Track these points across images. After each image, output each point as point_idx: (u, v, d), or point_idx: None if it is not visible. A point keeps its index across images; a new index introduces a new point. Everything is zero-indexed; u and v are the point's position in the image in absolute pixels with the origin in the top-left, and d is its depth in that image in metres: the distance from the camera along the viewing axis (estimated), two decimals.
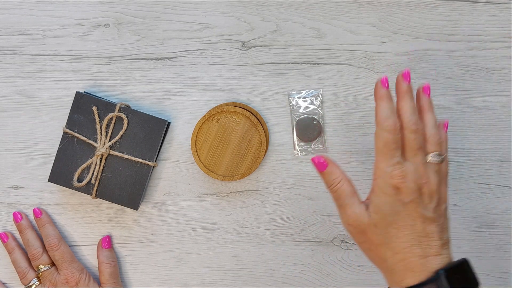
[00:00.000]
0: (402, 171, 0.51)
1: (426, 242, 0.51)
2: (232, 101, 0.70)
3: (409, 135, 0.52)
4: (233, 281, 0.71)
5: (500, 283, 0.72)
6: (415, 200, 0.51)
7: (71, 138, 0.66)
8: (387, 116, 0.52)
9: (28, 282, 0.67)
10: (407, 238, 0.51)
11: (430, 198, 0.52)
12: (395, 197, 0.51)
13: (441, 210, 0.53)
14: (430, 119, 0.55)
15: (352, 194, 0.54)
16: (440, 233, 0.52)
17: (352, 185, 0.54)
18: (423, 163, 0.52)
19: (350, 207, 0.53)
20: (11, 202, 0.70)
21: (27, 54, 0.69)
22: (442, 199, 0.53)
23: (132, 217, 0.70)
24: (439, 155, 0.53)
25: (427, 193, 0.52)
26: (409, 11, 0.70)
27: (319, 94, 0.69)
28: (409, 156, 0.52)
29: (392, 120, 0.52)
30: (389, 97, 0.53)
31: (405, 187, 0.51)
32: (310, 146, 0.70)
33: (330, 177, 0.55)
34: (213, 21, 0.69)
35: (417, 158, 0.52)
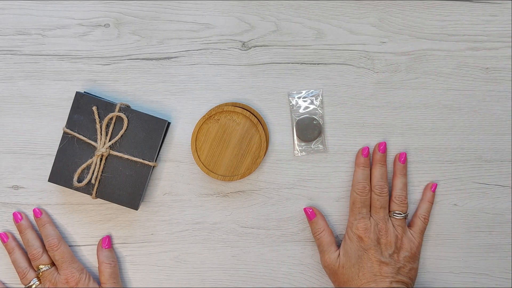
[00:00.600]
0: (365, 224, 0.66)
1: (380, 279, 0.64)
2: (232, 101, 0.70)
3: (374, 196, 0.67)
4: (233, 281, 0.71)
5: (500, 283, 0.72)
6: (373, 247, 0.65)
7: (71, 138, 0.66)
8: (359, 181, 0.67)
9: (28, 282, 0.67)
10: (365, 276, 0.64)
11: (386, 247, 0.65)
12: (359, 244, 0.66)
13: (399, 256, 0.66)
14: (399, 183, 0.68)
15: (330, 244, 0.68)
16: (395, 274, 0.64)
17: (332, 235, 0.68)
18: (385, 219, 0.66)
19: (327, 253, 0.67)
20: (11, 202, 0.70)
21: (27, 54, 0.69)
22: (402, 249, 0.66)
23: (132, 217, 0.70)
24: (400, 213, 0.67)
25: (384, 243, 0.65)
26: (409, 11, 0.70)
27: (319, 94, 0.69)
28: (373, 213, 0.67)
29: (362, 184, 0.67)
30: (366, 165, 0.68)
31: (366, 237, 0.65)
32: (310, 146, 0.70)
33: (315, 226, 0.68)
34: (213, 21, 0.69)
35: (379, 215, 0.67)
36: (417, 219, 0.69)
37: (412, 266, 0.66)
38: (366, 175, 0.68)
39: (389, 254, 0.65)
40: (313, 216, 0.69)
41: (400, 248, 0.66)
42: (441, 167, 0.71)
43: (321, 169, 0.70)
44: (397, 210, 0.67)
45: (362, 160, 0.68)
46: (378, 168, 0.68)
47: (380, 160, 0.68)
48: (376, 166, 0.68)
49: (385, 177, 0.68)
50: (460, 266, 0.71)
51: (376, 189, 0.67)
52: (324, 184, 0.70)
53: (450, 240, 0.71)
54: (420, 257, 0.71)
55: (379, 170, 0.68)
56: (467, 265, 0.71)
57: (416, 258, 0.67)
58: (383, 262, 0.65)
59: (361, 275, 0.65)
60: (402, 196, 0.68)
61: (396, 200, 0.68)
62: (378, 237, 0.66)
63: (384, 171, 0.68)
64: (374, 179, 0.68)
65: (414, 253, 0.67)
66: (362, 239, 0.65)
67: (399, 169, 0.69)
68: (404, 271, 0.65)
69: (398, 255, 0.66)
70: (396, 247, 0.66)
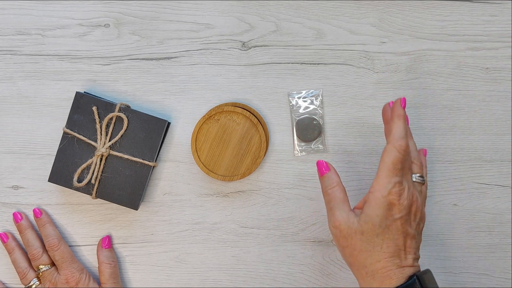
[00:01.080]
0: (400, 189, 0.55)
1: (404, 255, 0.56)
2: (232, 101, 0.70)
3: None
4: (233, 281, 0.71)
5: (500, 283, 0.72)
6: (404, 217, 0.56)
7: (71, 138, 0.66)
8: (402, 136, 0.55)
9: (28, 282, 0.67)
10: (390, 250, 0.55)
11: (415, 216, 0.57)
12: (388, 212, 0.55)
13: (420, 228, 0.58)
14: (412, 145, 0.61)
15: (344, 201, 0.58)
16: (416, 249, 0.57)
17: (345, 193, 0.59)
18: (412, 182, 0.57)
19: (339, 211, 0.57)
20: (11, 202, 0.70)
21: (27, 54, 0.69)
22: (423, 218, 0.58)
23: (132, 217, 0.70)
24: (421, 177, 0.59)
25: (414, 212, 0.57)
26: (409, 11, 0.70)
27: (319, 94, 0.69)
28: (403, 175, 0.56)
29: (405, 141, 0.55)
30: (405, 118, 0.57)
31: (400, 205, 0.55)
32: (310, 146, 0.70)
33: (327, 181, 0.60)
34: (213, 21, 0.69)
35: (408, 178, 0.57)
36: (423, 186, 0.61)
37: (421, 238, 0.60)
38: (409, 131, 0.58)
39: (416, 225, 0.57)
40: (326, 170, 0.60)
41: (422, 218, 0.58)
42: (441, 167, 0.71)
43: None
44: (419, 173, 0.59)
45: (403, 112, 0.56)
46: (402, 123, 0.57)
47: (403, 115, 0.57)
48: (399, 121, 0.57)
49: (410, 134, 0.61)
50: (460, 266, 0.71)
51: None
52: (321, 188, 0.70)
53: (450, 240, 0.71)
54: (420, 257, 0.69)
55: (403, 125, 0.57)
56: (467, 265, 0.71)
57: None
58: (409, 234, 0.56)
59: (386, 247, 0.55)
60: (420, 158, 0.60)
61: (417, 161, 0.59)
62: (411, 204, 0.56)
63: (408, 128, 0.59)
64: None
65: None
66: (394, 207, 0.55)
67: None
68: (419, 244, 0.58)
69: (419, 226, 0.58)
70: (420, 218, 0.58)
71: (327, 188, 0.59)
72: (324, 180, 0.60)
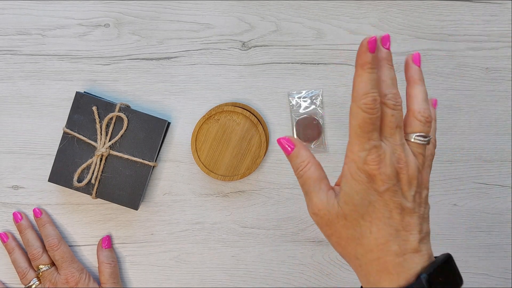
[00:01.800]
0: (378, 155, 0.43)
1: (403, 236, 0.44)
2: (232, 101, 0.70)
3: (387, 111, 0.44)
4: (233, 281, 0.71)
5: (500, 283, 0.72)
6: (391, 188, 0.43)
7: (71, 138, 0.66)
8: (366, 91, 0.43)
9: (28, 282, 0.67)
10: (382, 233, 0.43)
11: (409, 185, 0.44)
12: (369, 185, 0.43)
13: (422, 197, 0.45)
14: (420, 92, 0.46)
15: (320, 180, 0.47)
16: (420, 225, 0.44)
17: (321, 169, 0.47)
18: (401, 143, 0.44)
19: (317, 194, 0.46)
20: (11, 202, 0.70)
21: (27, 54, 0.69)
22: (424, 185, 0.46)
23: (132, 217, 0.70)
24: (424, 136, 0.45)
25: (406, 179, 0.44)
26: (409, 11, 0.70)
27: (319, 94, 0.69)
28: (386, 136, 0.44)
29: (372, 96, 0.43)
30: (374, 65, 0.43)
31: (381, 174, 0.43)
32: (310, 146, 0.70)
33: (296, 160, 0.48)
34: (213, 21, 0.69)
35: (395, 138, 0.44)
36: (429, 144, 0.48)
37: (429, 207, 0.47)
38: (375, 81, 0.43)
39: (413, 196, 0.44)
40: (291, 148, 0.48)
41: (421, 184, 0.46)
42: (441, 167, 0.71)
43: None
44: (420, 132, 0.45)
45: (369, 58, 0.43)
46: (387, 70, 0.45)
47: (387, 59, 0.46)
48: (384, 67, 0.45)
49: (396, 81, 0.46)
50: (460, 266, 0.71)
51: (388, 99, 0.45)
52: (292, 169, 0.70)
53: (450, 240, 0.71)
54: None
55: (389, 71, 0.45)
56: (467, 265, 0.71)
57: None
58: (405, 209, 0.44)
59: (376, 231, 0.44)
60: (427, 111, 0.46)
61: (419, 116, 0.45)
62: (397, 171, 0.44)
63: (394, 74, 0.46)
64: (384, 85, 0.45)
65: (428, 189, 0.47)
66: (375, 178, 0.43)
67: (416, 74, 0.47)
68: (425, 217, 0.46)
69: (420, 195, 0.45)
70: (418, 185, 0.45)
71: (298, 168, 0.47)
72: (292, 159, 0.48)
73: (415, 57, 0.47)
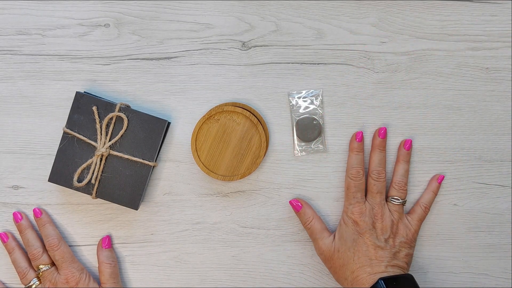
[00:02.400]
0: (360, 208, 0.66)
1: (376, 263, 0.64)
2: (232, 101, 0.70)
3: (371, 181, 0.67)
4: (233, 281, 0.71)
5: (500, 283, 0.72)
6: (368, 232, 0.65)
7: (71, 138, 0.66)
8: (353, 166, 0.67)
9: (28, 282, 0.67)
10: (361, 260, 0.64)
11: (382, 232, 0.65)
12: (354, 228, 0.66)
13: (395, 242, 0.65)
14: (401, 169, 0.68)
15: (322, 230, 0.68)
16: (390, 258, 0.64)
17: (322, 222, 0.68)
18: (381, 204, 0.66)
19: (321, 240, 0.67)
20: (11, 202, 0.70)
21: (27, 54, 0.69)
22: (398, 234, 0.66)
23: (132, 217, 0.70)
24: (397, 199, 0.67)
25: (380, 227, 0.65)
26: (409, 11, 0.70)
27: (319, 94, 0.69)
28: (369, 198, 0.67)
29: (356, 170, 0.67)
30: (359, 150, 0.68)
31: (361, 221, 0.65)
32: (310, 146, 0.70)
33: (304, 216, 0.68)
34: (213, 21, 0.69)
35: (375, 200, 0.67)
36: (418, 207, 0.68)
37: (408, 251, 0.66)
38: (359, 160, 0.67)
39: (385, 239, 0.65)
40: (299, 207, 0.68)
41: (396, 233, 0.66)
42: (441, 167, 0.71)
43: (321, 169, 0.70)
44: (395, 196, 0.67)
45: (355, 145, 0.68)
46: (377, 154, 0.68)
47: (379, 146, 0.68)
48: (375, 151, 0.68)
49: (384, 162, 0.68)
50: (460, 266, 0.71)
51: (373, 174, 0.67)
52: (324, 184, 0.70)
53: (450, 240, 0.71)
54: (420, 257, 0.71)
55: (378, 155, 0.68)
56: (467, 265, 0.71)
57: (412, 244, 0.67)
58: (378, 246, 0.64)
59: (356, 258, 0.64)
60: (402, 182, 0.68)
61: (396, 185, 0.68)
62: (374, 221, 0.65)
63: (383, 156, 0.68)
64: (372, 164, 0.68)
65: (410, 239, 0.66)
66: (357, 223, 0.65)
67: (402, 155, 0.69)
68: (399, 256, 0.65)
69: (394, 240, 0.65)
70: (392, 232, 0.65)
71: (306, 222, 0.68)
72: (300, 216, 0.69)
73: (407, 143, 0.69)
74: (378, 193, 0.67)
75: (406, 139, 0.69)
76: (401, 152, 0.69)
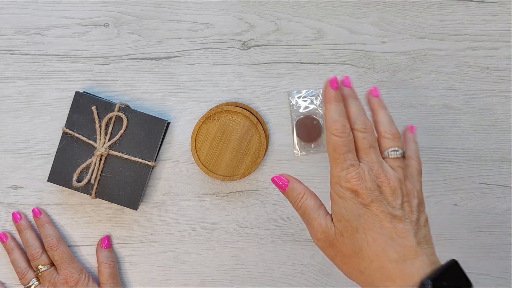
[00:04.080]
0: (357, 172, 0.49)
1: (399, 243, 0.46)
2: (232, 101, 0.70)
3: (358, 135, 0.51)
4: (233, 281, 0.71)
5: (500, 283, 0.71)
6: (376, 199, 0.48)
7: (71, 138, 0.66)
8: (335, 119, 0.50)
9: (27, 282, 0.67)
10: (378, 242, 0.47)
11: (394, 195, 0.48)
12: (354, 200, 0.48)
13: (411, 206, 0.49)
14: (383, 116, 0.53)
15: (317, 207, 0.52)
16: (414, 231, 0.47)
17: (317, 198, 0.53)
18: (378, 161, 0.50)
19: (316, 220, 0.51)
20: (11, 202, 0.70)
21: (26, 54, 0.69)
22: (411, 195, 0.50)
23: (131, 217, 0.70)
24: (396, 150, 0.51)
25: (388, 191, 0.48)
26: (409, 11, 0.70)
27: (319, 94, 0.69)
28: (363, 157, 0.50)
29: (340, 122, 0.50)
30: (338, 99, 0.51)
31: (363, 188, 0.48)
32: (310, 146, 0.70)
33: (292, 194, 0.53)
34: (213, 21, 0.69)
35: (370, 157, 0.50)
36: (410, 160, 0.53)
37: (425, 215, 0.50)
38: (341, 110, 0.51)
39: (400, 204, 0.48)
40: (286, 184, 0.53)
41: (408, 194, 0.50)
42: (441, 167, 0.70)
43: (321, 169, 0.70)
44: (392, 146, 0.51)
45: (333, 94, 0.51)
46: (353, 102, 0.52)
47: (351, 94, 0.53)
48: (349, 101, 0.52)
49: (363, 111, 0.52)
50: None
51: (358, 125, 0.51)
52: (324, 184, 0.70)
53: (450, 240, 0.71)
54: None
55: (354, 103, 0.52)
56: (467, 265, 0.71)
57: (424, 206, 0.51)
58: (395, 217, 0.47)
59: (372, 241, 0.47)
60: (393, 129, 0.52)
61: (388, 134, 0.52)
62: (378, 184, 0.49)
63: (360, 104, 0.53)
64: (352, 115, 0.52)
65: (421, 199, 0.51)
66: (358, 192, 0.48)
67: (376, 103, 0.54)
68: (421, 224, 0.49)
69: (409, 204, 0.49)
70: (403, 194, 0.49)
71: (296, 201, 0.53)
72: (289, 194, 0.53)
73: (373, 91, 0.54)
74: (371, 147, 0.50)
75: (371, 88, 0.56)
76: (373, 101, 0.55)
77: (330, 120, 0.50)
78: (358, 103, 0.52)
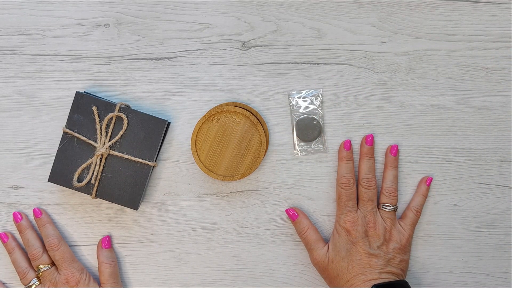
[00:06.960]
0: (352, 217, 0.66)
1: (369, 271, 0.64)
2: (232, 101, 0.70)
3: (362, 189, 0.67)
4: (233, 281, 0.71)
5: (500, 283, 0.72)
6: (361, 240, 0.65)
7: (71, 138, 0.66)
8: (343, 174, 0.67)
9: (28, 282, 0.67)
10: (355, 269, 0.64)
11: (374, 239, 0.65)
12: (347, 238, 0.66)
13: (389, 248, 0.65)
14: (390, 175, 0.68)
15: (317, 240, 0.68)
16: (384, 265, 0.64)
17: (317, 232, 0.68)
18: (372, 211, 0.66)
19: (315, 250, 0.67)
20: (11, 202, 0.70)
21: (27, 54, 0.69)
22: (391, 240, 0.66)
23: (132, 217, 0.70)
24: (389, 205, 0.67)
25: (372, 235, 0.65)
26: (409, 11, 0.70)
27: (319, 94, 0.69)
28: (361, 206, 0.67)
29: (346, 178, 0.67)
30: (348, 158, 0.68)
31: (354, 230, 0.66)
32: (310, 146, 0.70)
33: (299, 226, 0.68)
34: (213, 21, 0.69)
35: (367, 207, 0.66)
36: (409, 211, 0.68)
37: (403, 257, 0.66)
38: (349, 168, 0.68)
39: (378, 246, 0.65)
40: (295, 217, 0.68)
41: (389, 239, 0.66)
42: (441, 167, 0.71)
43: (321, 169, 0.70)
44: (386, 202, 0.67)
45: (344, 154, 0.68)
46: (366, 161, 0.68)
47: (367, 153, 0.68)
48: (363, 159, 0.68)
49: (373, 170, 0.68)
50: (460, 266, 0.71)
51: (363, 182, 0.67)
52: (324, 184, 0.70)
53: (450, 240, 0.71)
54: (420, 257, 0.71)
55: (367, 163, 0.68)
56: (467, 265, 0.71)
57: (406, 250, 0.67)
58: (372, 254, 0.64)
59: (351, 268, 0.64)
60: (392, 189, 0.68)
61: (386, 192, 0.67)
62: (366, 229, 0.66)
63: (372, 163, 0.68)
64: (362, 172, 0.68)
65: (404, 245, 0.66)
66: (350, 232, 0.65)
67: (390, 161, 0.69)
68: (394, 262, 0.65)
69: (387, 246, 0.65)
70: (385, 239, 0.66)
71: (301, 232, 0.68)
72: (296, 225, 0.69)
73: (393, 148, 0.69)
74: (370, 200, 0.67)
75: (392, 145, 0.69)
76: (389, 158, 0.69)
77: (339, 175, 0.68)
78: (370, 163, 0.68)
